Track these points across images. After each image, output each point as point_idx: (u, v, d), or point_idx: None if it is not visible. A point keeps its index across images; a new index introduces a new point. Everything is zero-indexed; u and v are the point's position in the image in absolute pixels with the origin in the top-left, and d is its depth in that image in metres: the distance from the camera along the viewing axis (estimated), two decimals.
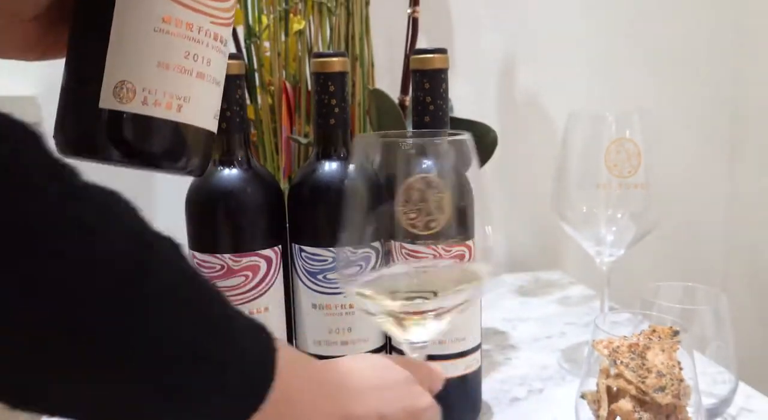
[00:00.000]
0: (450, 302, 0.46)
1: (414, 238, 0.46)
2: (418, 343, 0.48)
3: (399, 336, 0.48)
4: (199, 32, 0.37)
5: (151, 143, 0.37)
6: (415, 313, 0.46)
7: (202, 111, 0.38)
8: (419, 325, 0.46)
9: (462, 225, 0.47)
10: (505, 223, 1.18)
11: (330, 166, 0.61)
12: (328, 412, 0.38)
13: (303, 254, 0.61)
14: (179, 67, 0.36)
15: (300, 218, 0.62)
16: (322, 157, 0.62)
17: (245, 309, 0.59)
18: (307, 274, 0.61)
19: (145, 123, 0.36)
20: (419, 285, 0.50)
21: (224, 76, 0.40)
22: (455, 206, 0.46)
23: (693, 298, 0.64)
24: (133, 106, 0.35)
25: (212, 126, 0.39)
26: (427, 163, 0.46)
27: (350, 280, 0.48)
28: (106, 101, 0.35)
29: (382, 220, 0.46)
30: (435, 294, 0.48)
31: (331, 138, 0.61)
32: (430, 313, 0.46)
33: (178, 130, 0.37)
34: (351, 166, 0.47)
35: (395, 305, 0.46)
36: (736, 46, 1.24)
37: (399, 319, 0.46)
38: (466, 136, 0.46)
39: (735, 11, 1.22)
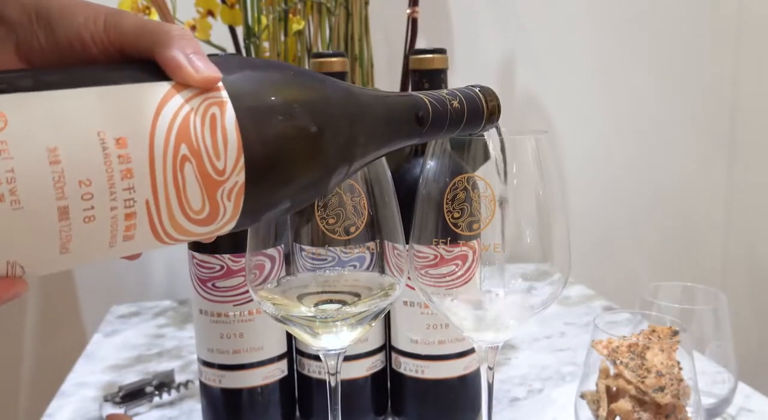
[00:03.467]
0: (359, 310, 0.45)
1: (326, 243, 0.46)
2: (332, 350, 0.48)
3: (311, 343, 0.47)
4: (123, 192, 0.28)
5: None
6: (326, 321, 0.45)
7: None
8: (331, 332, 0.46)
9: (375, 229, 0.46)
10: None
11: None
12: None
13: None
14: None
15: None
16: None
17: (244, 309, 0.60)
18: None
19: None
20: (329, 292, 0.48)
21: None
22: (373, 211, 0.46)
23: (692, 297, 0.64)
24: None
25: None
26: None
27: (257, 286, 0.47)
28: None
29: (285, 224, 0.46)
30: (345, 302, 0.47)
31: None
32: (341, 321, 0.45)
33: None
34: None
35: (304, 311, 0.46)
36: (735, 46, 1.24)
37: (310, 326, 0.45)
38: None
39: (734, 12, 1.23)
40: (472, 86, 0.43)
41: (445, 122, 0.40)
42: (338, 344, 0.47)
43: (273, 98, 0.33)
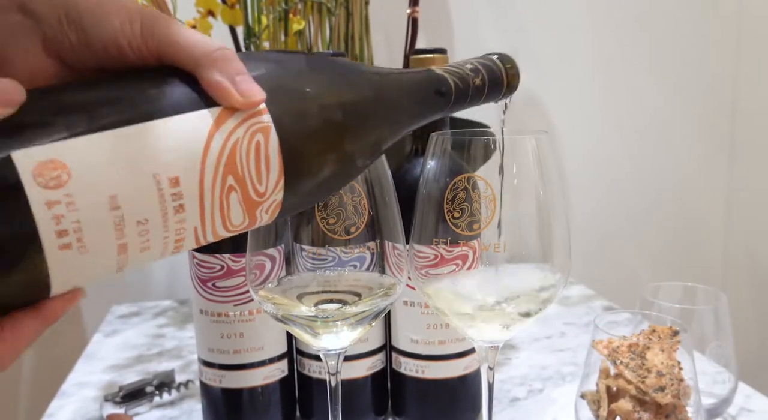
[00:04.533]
0: (360, 309, 0.45)
1: (326, 243, 0.46)
2: (332, 350, 0.48)
3: (312, 343, 0.47)
4: (177, 223, 0.31)
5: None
6: (326, 320, 0.45)
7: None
8: (331, 332, 0.46)
9: (376, 229, 0.46)
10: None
11: None
12: None
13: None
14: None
15: None
16: None
17: (244, 309, 0.60)
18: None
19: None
20: (330, 292, 0.48)
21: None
22: (374, 211, 0.46)
23: (692, 297, 0.64)
24: None
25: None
26: None
27: (258, 286, 0.47)
28: None
29: (286, 224, 0.46)
30: (346, 302, 0.47)
31: None
32: (341, 321, 0.45)
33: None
34: None
35: (305, 311, 0.46)
36: (735, 46, 1.24)
37: (310, 325, 0.45)
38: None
39: (734, 12, 1.23)
40: (489, 55, 0.44)
41: (467, 97, 0.42)
42: (339, 344, 0.47)
43: (311, 114, 0.34)
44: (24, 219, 0.26)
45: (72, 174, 0.27)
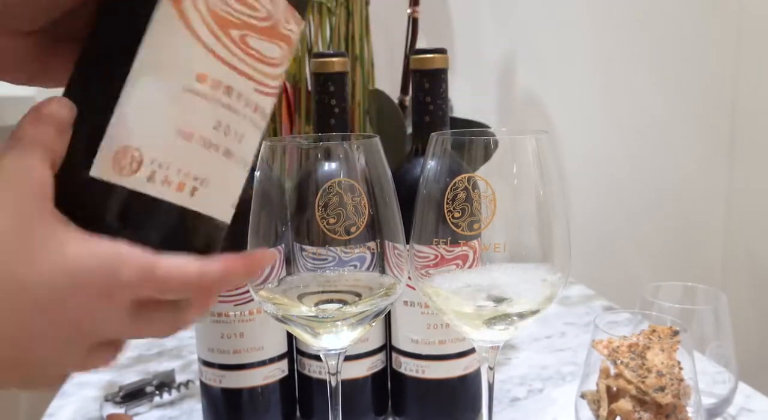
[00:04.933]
0: (360, 309, 0.45)
1: (326, 243, 0.45)
2: (332, 350, 0.47)
3: (312, 343, 0.47)
4: (238, 99, 0.30)
5: (146, 230, 0.29)
6: (326, 320, 0.45)
7: (221, 198, 0.31)
8: (331, 332, 0.46)
9: (376, 229, 0.46)
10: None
11: None
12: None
13: None
14: (204, 139, 0.29)
15: None
16: None
17: (244, 309, 0.60)
18: None
19: (144, 204, 0.28)
20: (330, 292, 0.48)
21: (253, 159, 0.33)
22: (374, 211, 0.45)
23: (692, 297, 0.64)
24: (135, 181, 0.28)
25: (227, 217, 0.32)
26: (341, 167, 0.45)
27: (258, 286, 0.47)
28: (102, 169, 0.28)
29: (286, 224, 0.46)
30: (346, 302, 0.47)
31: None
32: (341, 321, 0.45)
33: (184, 218, 0.30)
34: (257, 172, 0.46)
35: (305, 311, 0.46)
36: (735, 46, 1.24)
37: (310, 325, 0.45)
38: (375, 138, 0.46)
39: (734, 12, 1.22)
40: None
41: None
42: (339, 344, 0.47)
43: None
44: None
45: (140, 147, 0.28)
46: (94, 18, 0.30)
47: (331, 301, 0.47)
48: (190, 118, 0.29)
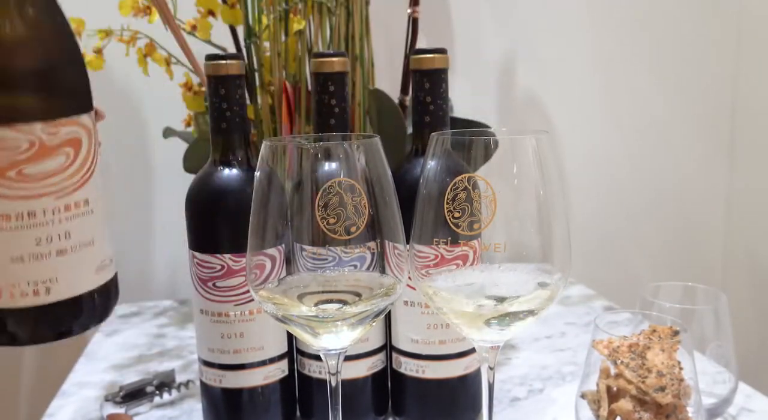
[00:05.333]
0: (360, 309, 0.45)
1: (326, 243, 0.45)
2: (332, 350, 0.47)
3: (312, 343, 0.47)
4: (44, 214, 0.34)
5: (26, 331, 0.35)
6: (326, 320, 0.45)
7: (77, 278, 0.36)
8: (331, 332, 0.45)
9: (376, 229, 0.46)
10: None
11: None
12: None
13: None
14: (34, 254, 0.34)
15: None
16: None
17: (244, 309, 0.60)
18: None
19: (16, 315, 0.35)
20: (330, 292, 0.48)
21: (104, 209, 0.37)
22: (374, 211, 0.45)
23: (693, 297, 0.64)
24: (3, 304, 0.34)
25: (97, 281, 0.37)
26: (341, 167, 0.45)
27: (258, 286, 0.47)
28: None
29: (286, 225, 0.45)
30: (346, 302, 0.47)
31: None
32: (341, 321, 0.45)
33: (55, 309, 0.35)
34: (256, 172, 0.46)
35: (305, 311, 0.46)
36: (735, 46, 1.24)
37: (310, 325, 0.45)
38: (376, 138, 0.46)
39: (734, 12, 1.22)
40: None
41: None
42: (339, 344, 0.47)
43: None
44: None
45: None
46: None
47: (331, 301, 0.47)
48: (11, 247, 0.34)
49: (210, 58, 0.59)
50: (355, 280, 0.47)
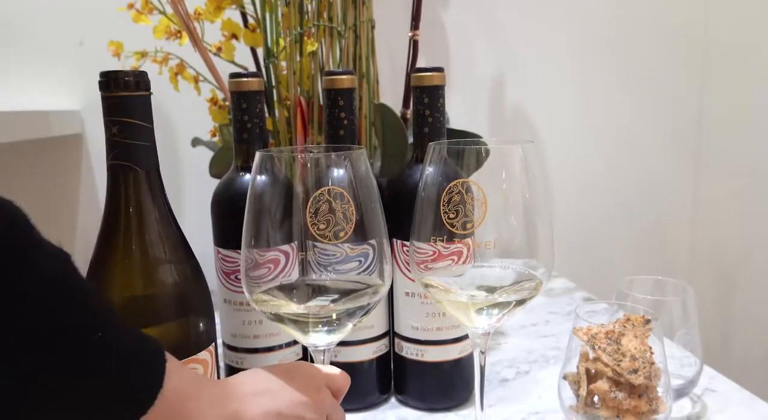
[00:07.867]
0: (346, 308, 0.44)
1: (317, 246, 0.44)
2: (321, 346, 0.46)
3: (301, 339, 0.46)
4: None
5: None
6: (315, 318, 0.44)
7: None
8: (319, 330, 0.44)
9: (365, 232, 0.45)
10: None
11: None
12: (217, 414, 0.35)
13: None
14: None
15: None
16: None
17: None
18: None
19: None
20: (322, 291, 0.47)
21: None
22: (360, 216, 0.44)
23: (663, 290, 0.63)
24: None
25: None
26: (330, 175, 0.44)
27: (254, 284, 0.46)
28: None
29: (287, 227, 0.45)
30: (335, 300, 0.46)
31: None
32: (329, 318, 0.44)
33: None
34: (258, 178, 0.45)
35: (294, 309, 0.45)
36: (702, 61, 1.23)
37: (299, 323, 0.44)
38: (361, 149, 0.45)
39: (701, 31, 1.22)
40: None
41: None
42: (326, 340, 0.46)
43: None
44: None
45: None
46: None
47: (321, 300, 0.46)
48: None
49: (233, 76, 0.59)
50: (344, 279, 0.46)
